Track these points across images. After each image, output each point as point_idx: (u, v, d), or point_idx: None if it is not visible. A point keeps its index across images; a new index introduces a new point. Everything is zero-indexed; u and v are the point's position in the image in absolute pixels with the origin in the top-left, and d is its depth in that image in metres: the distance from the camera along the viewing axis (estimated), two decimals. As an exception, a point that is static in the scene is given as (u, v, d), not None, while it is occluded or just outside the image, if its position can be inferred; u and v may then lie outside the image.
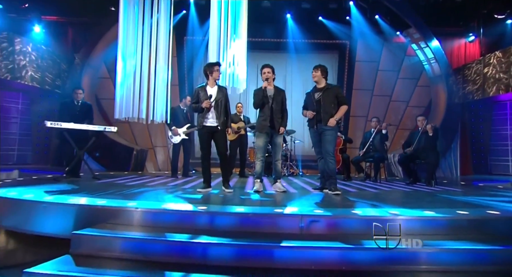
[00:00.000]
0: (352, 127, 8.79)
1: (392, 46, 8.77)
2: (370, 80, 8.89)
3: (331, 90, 3.97)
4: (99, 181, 4.78)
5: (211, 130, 3.82)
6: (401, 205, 3.10)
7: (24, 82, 7.95)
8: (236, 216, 2.56)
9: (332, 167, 3.90)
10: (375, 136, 5.91)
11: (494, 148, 7.93)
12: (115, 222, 2.61)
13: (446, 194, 4.22)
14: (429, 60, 8.54)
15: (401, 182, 5.90)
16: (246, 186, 4.70)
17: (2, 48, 7.82)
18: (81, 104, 5.23)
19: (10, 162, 8.77)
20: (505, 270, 2.16)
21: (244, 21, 5.79)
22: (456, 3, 7.67)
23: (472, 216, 2.67)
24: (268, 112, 3.95)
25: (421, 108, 8.68)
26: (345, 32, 8.56)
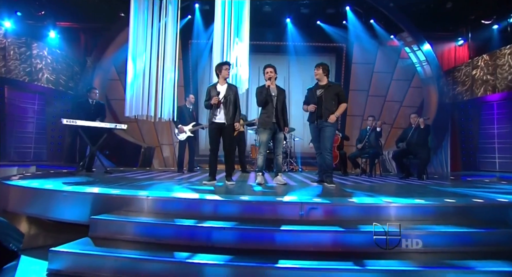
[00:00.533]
0: (349, 125, 8.89)
1: (386, 49, 8.87)
2: (366, 81, 8.99)
3: (332, 87, 4.04)
4: (111, 175, 4.88)
5: (220, 126, 3.89)
6: (394, 195, 3.19)
7: (41, 84, 8.14)
8: (240, 204, 2.65)
9: (329, 162, 3.99)
10: (370, 133, 6.00)
11: (482, 146, 8.02)
12: (129, 209, 2.71)
13: (436, 186, 4.31)
14: (421, 63, 8.64)
15: (394, 177, 5.99)
16: (249, 180, 4.79)
17: (21, 53, 8.02)
18: (95, 103, 5.34)
19: (27, 159, 8.94)
20: (486, 250, 2.27)
21: (247, 25, 5.89)
22: (446, 9, 7.79)
23: (458, 204, 2.76)
24: (272, 109, 4.03)
25: (414, 108, 8.77)
26: (342, 36, 8.66)
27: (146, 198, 2.71)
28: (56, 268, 2.02)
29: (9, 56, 7.86)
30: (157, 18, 5.51)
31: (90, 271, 1.98)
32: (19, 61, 7.96)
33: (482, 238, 2.33)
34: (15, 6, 8.04)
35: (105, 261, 2.00)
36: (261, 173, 4.12)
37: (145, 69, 5.40)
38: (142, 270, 1.94)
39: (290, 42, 8.67)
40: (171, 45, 5.43)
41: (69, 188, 3.07)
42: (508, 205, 2.76)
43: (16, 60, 7.95)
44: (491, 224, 2.54)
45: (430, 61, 8.40)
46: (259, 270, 1.93)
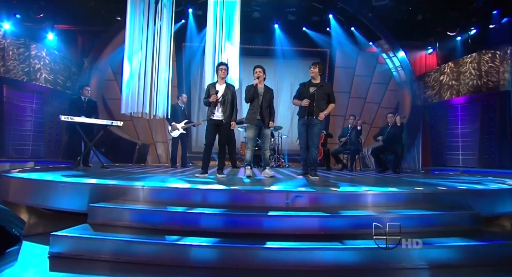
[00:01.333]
0: (332, 124, 9.03)
1: (366, 55, 9.08)
2: (347, 84, 9.17)
3: (325, 87, 4.06)
4: (107, 169, 4.82)
5: (217, 123, 3.91)
6: (371, 185, 3.29)
7: (39, 83, 7.97)
8: (230, 193, 2.69)
9: (315, 157, 4.06)
10: (351, 131, 6.13)
11: (448, 144, 8.33)
12: (125, 198, 2.71)
13: (408, 178, 4.48)
14: (396, 68, 8.91)
15: (372, 171, 6.15)
16: (238, 173, 4.82)
17: (19, 53, 7.83)
18: (87, 100, 5.26)
19: (25, 155, 8.72)
20: (448, 230, 2.42)
21: (237, 30, 5.92)
22: (417, 21, 8.13)
23: (426, 191, 2.90)
24: (257, 106, 4.07)
25: (391, 109, 8.98)
26: (326, 41, 8.81)
27: (142, 188, 2.72)
28: (57, 251, 2.01)
29: (8, 56, 7.66)
30: (153, 21, 5.47)
31: (89, 253, 1.98)
32: (17, 61, 7.78)
33: (444, 219, 2.50)
34: (14, 9, 7.85)
35: (103, 244, 2.01)
36: (250, 167, 4.16)
37: (141, 69, 5.35)
38: (136, 252, 1.95)
39: (278, 46, 8.76)
40: (166, 46, 5.40)
41: (68, 179, 3.03)
42: (465, 191, 2.96)
43: (15, 60, 7.76)
44: (452, 208, 2.70)
45: (404, 67, 8.67)
46: (246, 251, 1.98)
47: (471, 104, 7.71)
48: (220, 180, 3.54)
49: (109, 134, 7.64)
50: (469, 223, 2.56)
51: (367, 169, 7.42)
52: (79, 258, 1.97)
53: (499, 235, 2.74)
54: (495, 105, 7.08)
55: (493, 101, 7.15)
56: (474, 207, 2.75)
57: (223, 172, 4.10)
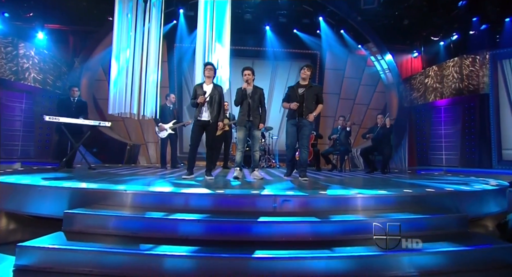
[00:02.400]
0: (323, 125, 8.92)
1: (355, 57, 9.00)
2: (337, 86, 9.07)
3: (314, 88, 3.94)
4: (94, 171, 4.57)
5: (204, 124, 3.73)
6: (361, 187, 3.15)
7: (27, 83, 7.66)
8: (214, 197, 2.50)
9: (305, 157, 3.93)
10: (341, 132, 6.01)
11: (432, 145, 8.37)
12: (105, 203, 2.49)
13: (396, 179, 4.37)
14: (384, 70, 8.85)
15: (362, 171, 6.03)
16: (228, 175, 4.63)
17: (7, 52, 7.50)
18: (76, 101, 4.99)
19: (14, 156, 8.38)
20: (437, 233, 2.31)
21: (228, 31, 5.73)
22: (403, 26, 8.14)
23: (414, 193, 2.78)
24: (246, 108, 3.91)
25: (378, 110, 8.94)
26: (316, 44, 8.69)
27: (123, 192, 2.51)
28: (23, 264, 1.79)
29: (-4, 56, 7.30)
30: (141, 20, 5.22)
31: (60, 266, 1.77)
32: (5, 60, 7.44)
33: (432, 223, 2.38)
34: (3, 7, 7.51)
35: (75, 255, 1.80)
36: (239, 168, 3.98)
37: (128, 69, 5.11)
38: (110, 263, 1.75)
39: (269, 48, 8.59)
40: (155, 46, 5.16)
41: (46, 183, 2.79)
42: (452, 193, 2.85)
43: (2, 59, 7.40)
44: (440, 210, 2.59)
45: (391, 69, 8.63)
46: (229, 261, 1.80)
47: (453, 106, 7.76)
48: (206, 183, 3.34)
49: (99, 134, 7.35)
50: (457, 226, 2.46)
51: (356, 169, 7.32)
52: (48, 271, 1.75)
53: (487, 238, 2.63)
54: (476, 107, 7.14)
55: (473, 103, 7.20)
56: (461, 209, 2.67)
57: (212, 174, 3.91)
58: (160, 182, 3.18)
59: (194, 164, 3.86)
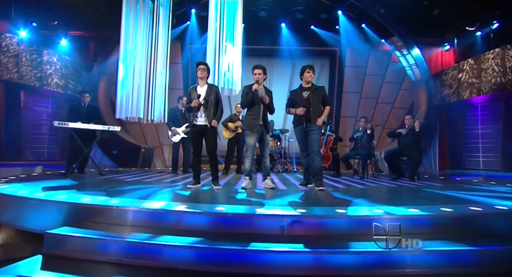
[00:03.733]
0: (342, 126, 8.30)
1: (378, 53, 8.27)
2: (358, 84, 8.40)
3: (318, 90, 3.61)
4: (103, 177, 4.41)
5: (201, 129, 3.43)
6: (386, 202, 2.65)
7: (50, 88, 7.84)
8: (213, 216, 2.14)
9: (318, 164, 3.50)
10: (362, 135, 5.44)
11: (467, 146, 7.54)
12: (94, 220, 2.23)
13: (429, 189, 3.78)
14: (411, 66, 8.07)
15: (386, 178, 5.42)
16: (238, 182, 4.28)
17: (32, 59, 7.71)
18: (87, 106, 4.89)
19: (42, 158, 8.68)
20: (487, 272, 1.75)
21: (239, 30, 5.40)
22: (433, 16, 7.34)
23: (456, 214, 2.24)
24: (259, 111, 3.53)
25: (405, 109, 8.19)
26: (335, 40, 8.08)
27: (112, 208, 2.22)
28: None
29: (21, 62, 7.54)
30: (147, 21, 5.01)
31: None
32: (30, 67, 7.66)
33: (482, 257, 1.82)
34: (31, 17, 7.74)
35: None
36: (248, 177, 3.61)
37: (135, 72, 4.91)
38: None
39: (284, 46, 8.11)
40: (163, 48, 4.92)
41: (40, 195, 2.59)
42: (508, 213, 2.25)
43: (28, 66, 7.62)
44: (492, 238, 2.02)
45: (419, 64, 7.84)
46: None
47: (493, 102, 6.86)
48: (211, 195, 3.00)
49: (116, 138, 7.32)
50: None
51: (380, 174, 6.67)
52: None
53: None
54: (521, 104, 6.24)
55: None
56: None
57: (219, 183, 3.57)
58: (160, 194, 2.89)
59: (199, 172, 3.57)
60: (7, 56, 7.38)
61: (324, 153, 5.61)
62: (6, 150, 8.16)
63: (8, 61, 7.40)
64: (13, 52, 7.45)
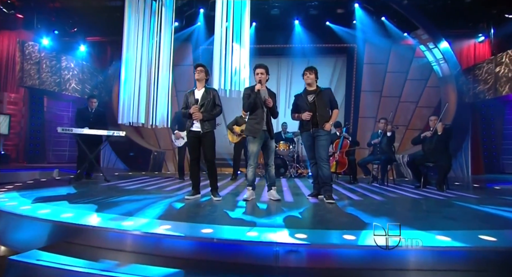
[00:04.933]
0: (361, 128, 7.69)
1: (400, 48, 7.57)
2: (378, 82, 7.75)
3: (324, 93, 3.24)
4: (106, 184, 4.26)
5: (198, 135, 3.15)
6: (407, 223, 2.17)
7: (68, 93, 8.01)
8: (198, 241, 1.81)
9: (327, 174, 3.10)
10: (382, 138, 4.89)
11: (506, 147, 6.67)
12: (70, 240, 1.99)
13: (461, 202, 3.20)
14: (438, 61, 7.27)
15: (410, 185, 4.82)
16: (243, 191, 3.93)
17: (51, 66, 7.93)
18: (94, 111, 4.79)
19: (63, 160, 8.96)
20: None
21: (247, 31, 5.07)
22: (465, 5, 6.52)
23: (502, 247, 1.71)
24: (262, 115, 3.19)
25: (431, 108, 7.42)
26: (352, 36, 7.50)
27: (88, 228, 1.97)
28: None
29: (42, 69, 7.76)
30: (148, 22, 4.81)
31: None
32: (50, 73, 7.88)
33: None
34: (54, 26, 7.98)
35: None
36: (251, 187, 3.26)
37: (136, 76, 4.73)
38: None
39: (298, 44, 7.64)
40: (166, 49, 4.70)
41: (24, 210, 2.42)
42: None
43: (48, 72, 7.84)
44: None
45: (447, 59, 7.04)
46: None
47: (536, 99, 5.98)
48: (205, 210, 2.68)
49: (128, 141, 7.29)
50: None
51: (403, 180, 6.03)
52: None
53: None
54: None
55: None
56: None
57: (219, 194, 3.25)
58: (150, 209, 2.61)
59: (198, 181, 3.29)
60: (29, 63, 7.62)
61: (339, 158, 5.12)
62: (31, 153, 8.48)
63: (30, 68, 7.64)
64: (35, 59, 7.69)
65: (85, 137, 4.43)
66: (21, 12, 7.79)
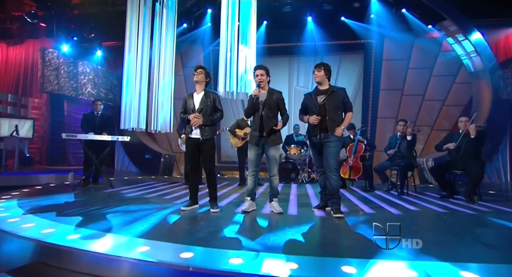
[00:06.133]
0: (380, 129, 7.16)
1: (424, 42, 6.93)
2: (399, 79, 7.16)
3: (336, 93, 2.85)
4: (109, 190, 4.21)
5: (197, 143, 2.95)
6: (427, 249, 1.78)
7: (84, 97, 8.22)
8: (173, 269, 1.59)
9: (335, 185, 2.78)
10: (401, 142, 4.43)
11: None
12: (43, 260, 1.86)
13: (498, 219, 2.73)
14: (468, 54, 6.55)
15: (434, 194, 4.31)
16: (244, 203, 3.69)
17: (69, 71, 8.19)
18: (100, 115, 4.78)
19: (81, 163, 9.24)
20: None
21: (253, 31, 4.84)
22: None
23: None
24: (258, 120, 2.93)
25: (460, 107, 6.74)
26: (369, 31, 6.98)
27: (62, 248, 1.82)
28: None
29: (60, 75, 8.03)
30: (149, 24, 4.70)
31: None
32: (67, 78, 8.15)
33: None
34: (73, 33, 8.25)
35: None
36: (250, 198, 3.01)
37: (138, 79, 4.64)
38: None
39: (310, 42, 7.26)
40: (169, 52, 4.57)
41: (10, 222, 2.35)
42: None
43: (66, 78, 8.10)
44: None
45: (480, 51, 6.31)
46: None
47: None
48: (194, 226, 2.47)
49: (140, 144, 7.32)
50: None
51: (427, 187, 5.48)
52: None
53: None
54: None
55: None
56: None
57: (218, 205, 3.04)
58: (139, 223, 2.45)
59: (196, 190, 3.11)
60: (49, 69, 7.92)
61: (353, 163, 4.72)
62: (52, 155, 8.83)
63: (50, 74, 7.94)
64: (54, 65, 7.98)
65: (90, 141, 4.43)
66: (43, 21, 8.14)
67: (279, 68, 7.49)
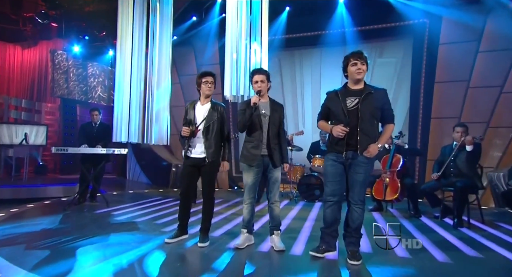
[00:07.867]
0: (435, 131, 6.29)
1: (500, 18, 5.91)
2: (463, 68, 6.24)
3: (375, 96, 2.33)
4: (101, 210, 4.30)
5: (197, 163, 2.80)
6: None
7: (94, 101, 8.69)
8: None
9: (358, 221, 2.40)
10: (458, 153, 3.81)
11: None
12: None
13: None
14: None
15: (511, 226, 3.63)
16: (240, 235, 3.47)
17: (78, 74, 8.73)
18: (98, 125, 4.95)
19: (96, 170, 9.90)
20: None
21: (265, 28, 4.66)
22: None
23: None
24: (260, 136, 2.68)
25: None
26: (420, 10, 6.25)
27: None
28: None
29: (70, 78, 8.60)
30: (142, 23, 4.71)
31: None
32: (77, 81, 8.68)
33: None
34: (84, 31, 8.76)
35: None
36: (246, 230, 2.79)
37: (132, 89, 4.70)
38: None
39: (343, 28, 6.75)
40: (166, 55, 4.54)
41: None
42: None
43: (75, 81, 8.65)
44: None
45: None
46: None
47: None
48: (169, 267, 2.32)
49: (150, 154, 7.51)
50: None
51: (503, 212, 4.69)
52: None
53: None
54: None
55: None
56: None
57: (208, 238, 2.86)
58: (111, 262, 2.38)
59: (187, 219, 2.98)
60: (59, 73, 8.52)
61: (389, 181, 4.18)
62: (65, 163, 9.50)
63: (60, 77, 8.54)
64: (63, 68, 8.56)
65: (86, 155, 4.58)
66: (55, 21, 8.67)
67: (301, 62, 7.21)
